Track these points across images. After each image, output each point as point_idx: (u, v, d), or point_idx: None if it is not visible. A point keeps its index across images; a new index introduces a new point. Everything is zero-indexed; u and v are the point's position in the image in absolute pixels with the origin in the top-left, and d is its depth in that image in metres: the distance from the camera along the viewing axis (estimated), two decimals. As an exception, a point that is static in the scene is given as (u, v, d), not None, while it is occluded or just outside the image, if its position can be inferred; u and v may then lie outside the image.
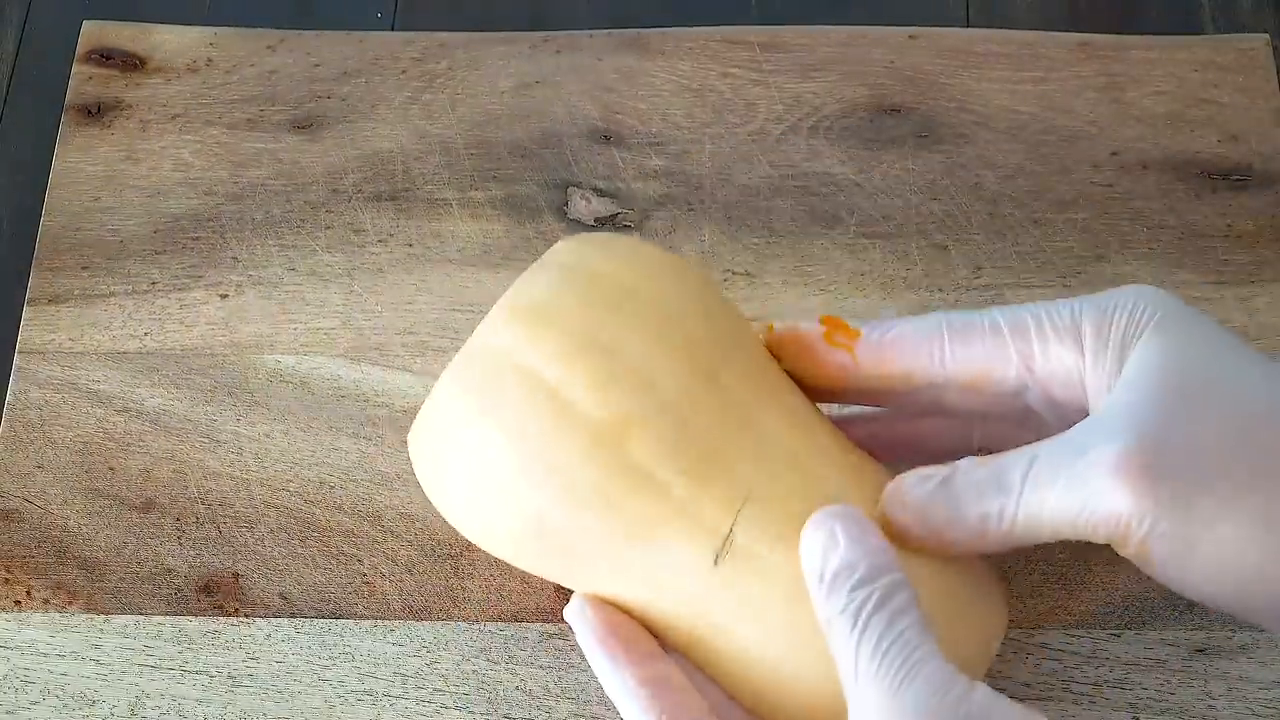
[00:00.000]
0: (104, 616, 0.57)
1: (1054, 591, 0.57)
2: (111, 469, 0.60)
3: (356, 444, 0.61)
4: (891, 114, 0.68)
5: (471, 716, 0.55)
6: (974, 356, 0.50)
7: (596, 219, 0.66)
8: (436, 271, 0.65)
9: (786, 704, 0.48)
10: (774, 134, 0.68)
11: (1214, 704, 0.54)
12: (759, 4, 0.74)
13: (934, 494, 0.48)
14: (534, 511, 0.48)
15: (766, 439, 0.49)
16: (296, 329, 0.63)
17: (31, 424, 0.61)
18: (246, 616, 0.57)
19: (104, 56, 0.71)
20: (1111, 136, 0.67)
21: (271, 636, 0.57)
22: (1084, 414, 0.49)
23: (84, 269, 0.65)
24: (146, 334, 0.63)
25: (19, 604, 0.58)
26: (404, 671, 0.56)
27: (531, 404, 0.48)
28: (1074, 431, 0.47)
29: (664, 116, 0.68)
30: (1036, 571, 0.57)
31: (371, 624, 0.57)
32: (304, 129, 0.69)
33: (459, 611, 0.57)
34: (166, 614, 0.57)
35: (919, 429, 0.54)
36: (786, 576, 0.47)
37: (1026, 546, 0.48)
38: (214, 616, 0.57)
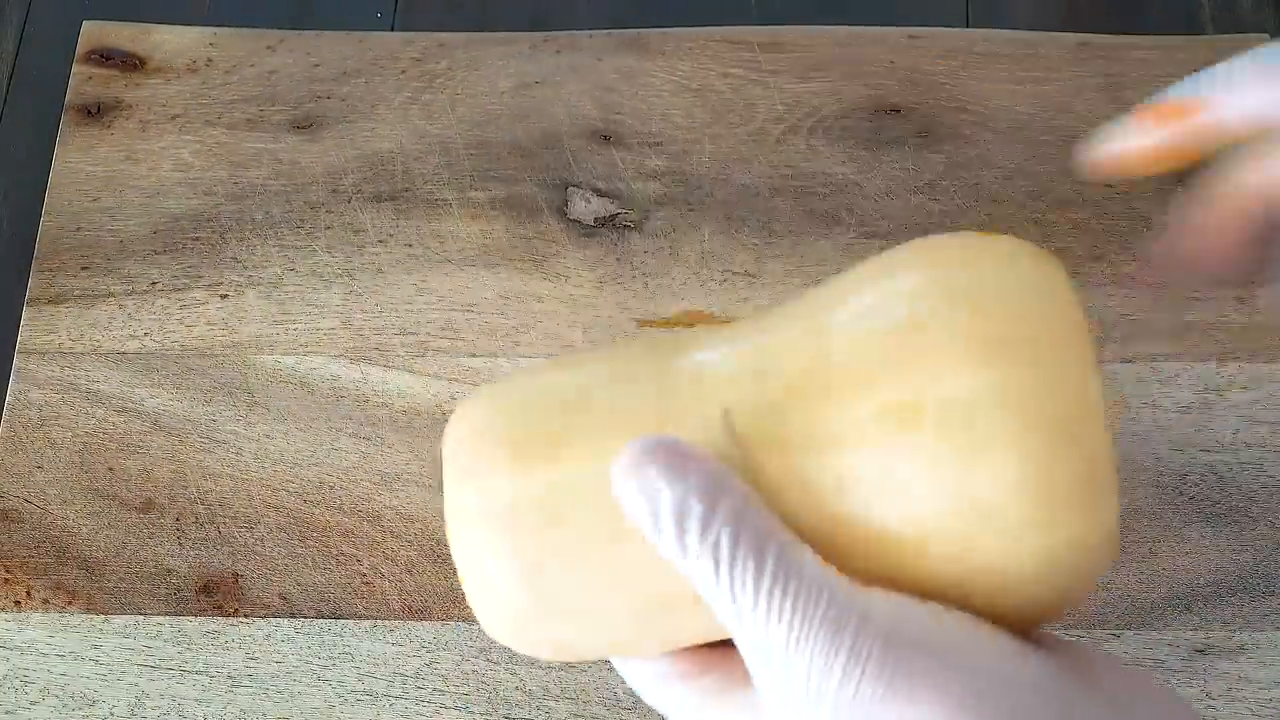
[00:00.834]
0: (104, 617, 0.57)
1: (1054, 591, 0.57)
2: (111, 469, 0.60)
3: (356, 444, 0.61)
4: (891, 114, 0.68)
5: (471, 716, 0.55)
6: None
7: (596, 219, 0.66)
8: (436, 271, 0.65)
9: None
10: (774, 134, 0.68)
11: (1214, 704, 0.55)
12: (759, 4, 0.74)
13: None
14: None
15: None
16: (296, 329, 0.63)
17: (31, 424, 0.61)
18: (246, 617, 0.57)
19: (104, 56, 0.71)
20: (1111, 136, 0.67)
21: (271, 637, 0.57)
22: None
23: (84, 269, 0.65)
24: (146, 334, 0.63)
25: (19, 604, 0.58)
26: (404, 672, 0.56)
27: None
28: None
29: (664, 117, 0.68)
30: (1036, 571, 0.57)
31: (371, 624, 0.57)
32: (304, 129, 0.69)
33: (459, 611, 0.57)
34: (166, 614, 0.57)
35: None
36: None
37: None
38: (214, 617, 0.57)
